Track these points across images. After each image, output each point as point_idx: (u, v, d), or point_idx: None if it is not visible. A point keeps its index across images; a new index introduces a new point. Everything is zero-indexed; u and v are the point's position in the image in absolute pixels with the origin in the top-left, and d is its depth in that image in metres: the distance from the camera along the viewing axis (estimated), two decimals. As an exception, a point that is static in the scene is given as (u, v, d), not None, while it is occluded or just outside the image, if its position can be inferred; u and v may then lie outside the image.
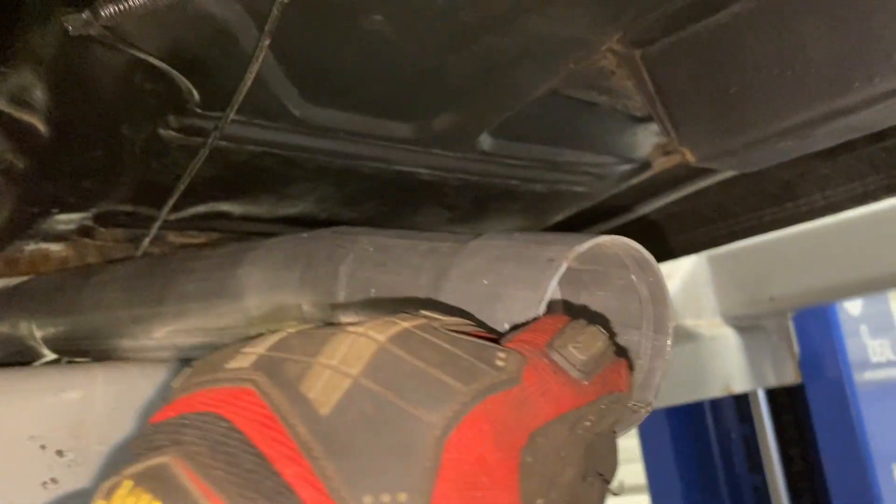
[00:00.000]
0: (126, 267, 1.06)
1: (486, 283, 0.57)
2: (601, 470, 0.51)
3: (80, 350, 1.08)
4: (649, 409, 0.60)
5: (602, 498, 0.50)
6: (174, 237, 1.18)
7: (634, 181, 1.42)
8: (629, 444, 4.91)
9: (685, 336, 1.97)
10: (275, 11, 0.72)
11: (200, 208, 1.11)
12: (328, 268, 0.72)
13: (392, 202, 1.25)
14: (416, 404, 0.43)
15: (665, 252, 1.81)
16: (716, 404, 2.83)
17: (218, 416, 0.45)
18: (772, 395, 2.67)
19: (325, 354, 0.46)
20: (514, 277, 0.56)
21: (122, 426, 0.95)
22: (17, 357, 1.17)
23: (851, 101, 0.78)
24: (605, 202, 1.51)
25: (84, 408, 0.92)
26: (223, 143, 0.95)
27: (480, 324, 0.55)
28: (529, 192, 1.32)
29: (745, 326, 2.19)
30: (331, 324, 0.69)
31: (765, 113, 0.84)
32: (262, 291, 0.81)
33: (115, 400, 0.97)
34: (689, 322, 2.07)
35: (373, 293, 0.66)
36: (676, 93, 0.89)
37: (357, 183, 1.16)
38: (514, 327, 0.53)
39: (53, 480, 0.89)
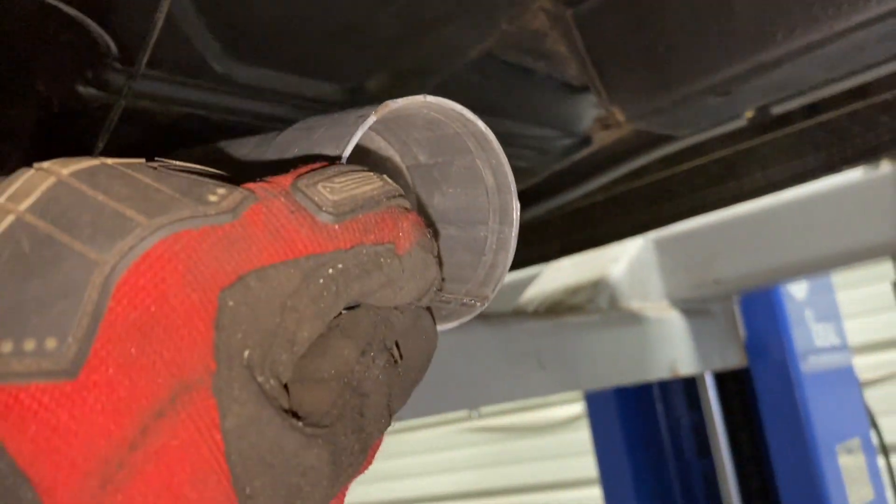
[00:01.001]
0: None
1: (296, 151, 0.54)
2: (403, 353, 0.46)
3: None
4: (485, 303, 0.58)
5: (391, 383, 0.44)
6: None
7: (576, 157, 1.42)
8: (581, 437, 4.95)
9: (631, 318, 1.98)
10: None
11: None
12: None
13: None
14: (84, 241, 0.37)
15: (611, 234, 1.82)
16: (665, 391, 2.86)
17: None
18: (720, 380, 2.70)
19: None
20: (322, 139, 0.53)
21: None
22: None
23: (774, 54, 0.78)
24: (548, 180, 1.51)
25: None
26: (144, 104, 0.92)
27: None
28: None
29: (692, 309, 2.21)
30: None
31: (691, 69, 0.84)
32: None
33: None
34: (636, 304, 2.08)
35: None
36: (606, 51, 0.89)
37: (292, 151, 1.13)
38: None
39: None
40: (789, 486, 2.53)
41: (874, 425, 2.84)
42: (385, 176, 0.46)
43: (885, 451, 2.87)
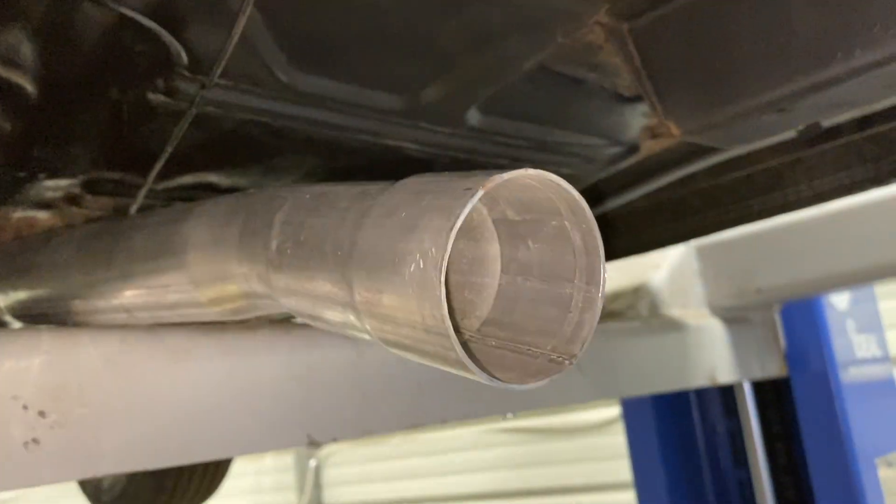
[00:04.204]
0: (84, 228, 1.05)
1: (404, 215, 0.55)
2: None
3: (39, 315, 1.07)
4: (573, 361, 0.59)
5: None
6: (161, 207, 1.18)
7: (622, 165, 1.43)
8: (616, 441, 4.92)
9: (671, 325, 1.98)
10: (263, -30, 0.72)
11: (188, 178, 1.11)
12: (265, 217, 0.71)
13: (380, 178, 1.25)
14: None
15: (653, 241, 1.81)
16: (702, 399, 2.84)
17: None
18: (758, 389, 2.68)
19: None
20: (430, 207, 0.54)
21: (104, 392, 0.95)
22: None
23: (833, 73, 0.79)
24: (593, 187, 1.52)
25: (69, 371, 0.92)
26: (210, 109, 0.95)
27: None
28: (517, 173, 1.32)
29: (732, 318, 2.20)
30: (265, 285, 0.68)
31: (749, 86, 0.84)
32: (203, 247, 0.79)
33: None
34: (676, 311, 2.08)
35: (302, 238, 0.65)
36: (663, 66, 0.89)
37: (345, 157, 1.16)
38: None
39: (35, 441, 0.89)
40: (827, 497, 2.50)
41: (915, 439, 2.79)
42: None
43: (925, 465, 2.81)
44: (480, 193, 0.51)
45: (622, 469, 4.87)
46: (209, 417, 1.04)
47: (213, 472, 3.40)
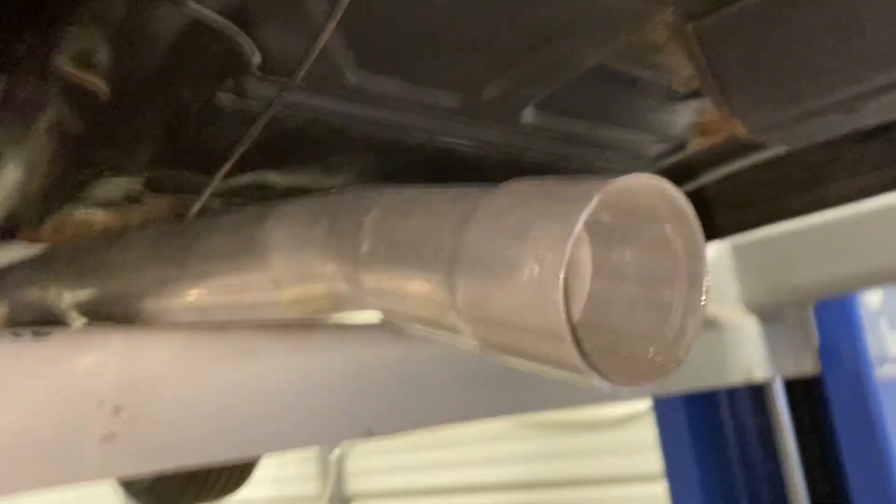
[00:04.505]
0: (155, 228, 1.06)
1: (511, 220, 0.55)
2: None
3: (107, 313, 1.09)
4: (678, 364, 0.59)
5: None
6: (218, 207, 1.20)
7: (668, 161, 1.43)
8: (638, 435, 4.92)
9: (709, 323, 1.98)
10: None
11: (248, 178, 1.12)
12: (353, 218, 0.72)
13: (431, 177, 1.26)
14: None
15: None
16: (732, 395, 2.84)
17: None
18: (788, 386, 2.67)
19: None
20: (542, 213, 0.53)
21: (174, 389, 0.97)
22: (45, 324, 1.18)
23: (905, 73, 0.79)
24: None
25: (141, 368, 0.94)
26: (280, 111, 0.96)
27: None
28: (565, 170, 1.33)
29: (767, 315, 2.19)
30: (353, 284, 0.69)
31: (817, 86, 0.85)
32: (286, 247, 0.80)
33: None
34: (712, 309, 2.08)
35: (397, 241, 0.65)
36: (728, 65, 0.90)
37: (399, 156, 1.17)
38: None
39: (112, 435, 0.91)
40: (863, 493, 2.50)
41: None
42: None
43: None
44: (596, 200, 0.51)
45: (644, 462, 4.87)
46: (274, 412, 1.05)
47: (243, 463, 3.43)
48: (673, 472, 2.82)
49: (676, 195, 0.56)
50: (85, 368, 0.91)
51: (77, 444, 0.89)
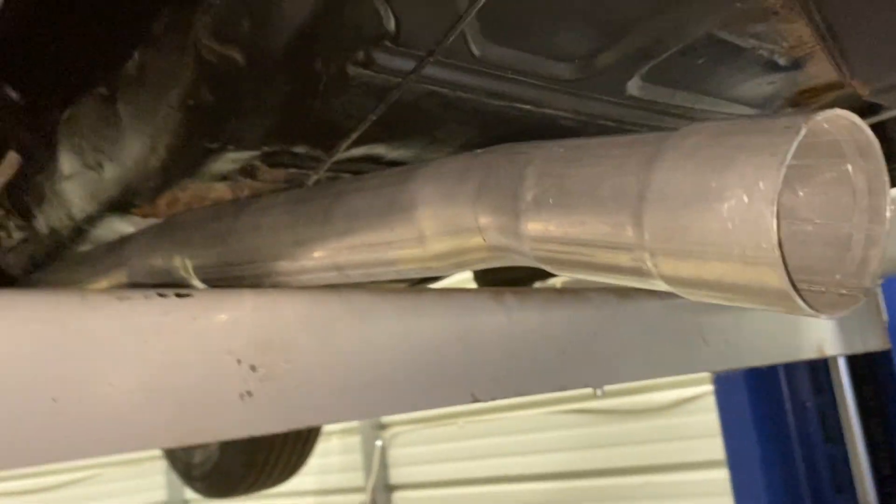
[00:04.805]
0: (288, 193, 1.10)
1: (709, 154, 0.56)
2: None
3: (233, 276, 1.13)
4: (867, 294, 0.61)
5: None
6: (326, 179, 1.23)
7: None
8: (687, 422, 4.91)
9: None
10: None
11: (360, 150, 1.16)
12: (510, 172, 0.74)
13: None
14: None
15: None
16: (791, 375, 2.83)
17: None
18: (850, 364, 2.67)
19: None
20: (745, 145, 0.54)
21: (302, 348, 1.01)
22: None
23: None
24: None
25: (272, 328, 0.98)
26: (395, 81, 0.99)
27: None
28: (658, 142, 1.35)
29: (836, 292, 2.19)
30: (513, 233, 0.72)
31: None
32: (434, 204, 0.83)
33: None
34: (783, 285, 2.08)
35: (567, 187, 0.67)
36: (848, 27, 0.91)
37: (501, 126, 1.19)
38: None
39: (249, 393, 0.95)
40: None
41: None
42: None
43: None
44: (804, 131, 0.53)
45: (694, 449, 4.87)
46: (389, 374, 1.09)
47: (300, 449, 3.49)
48: (734, 456, 2.82)
49: (865, 129, 0.58)
50: (224, 327, 0.95)
51: (219, 400, 0.93)
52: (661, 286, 0.60)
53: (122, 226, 1.29)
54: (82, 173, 1.23)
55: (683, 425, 4.90)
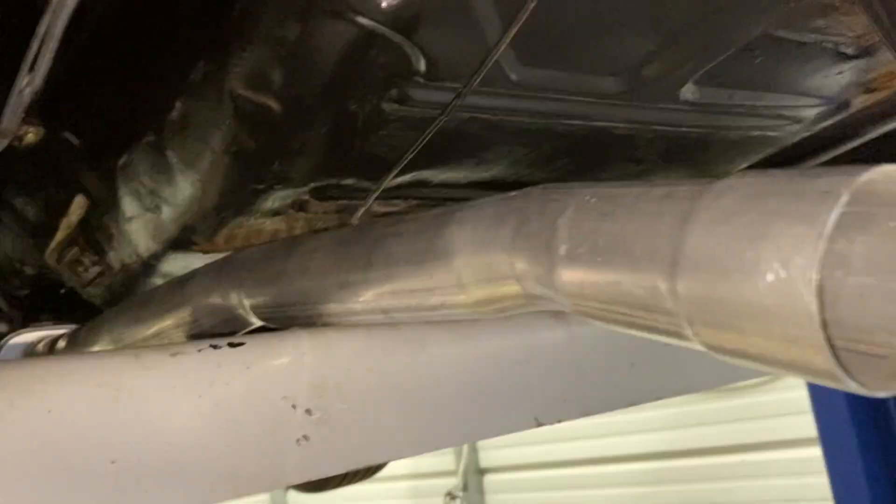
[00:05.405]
0: (331, 235, 1.10)
1: (744, 220, 0.52)
2: None
3: (287, 317, 1.14)
4: None
5: None
6: (377, 206, 1.23)
7: (829, 122, 1.36)
8: (776, 399, 4.74)
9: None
10: None
11: (406, 177, 1.14)
12: (543, 222, 0.71)
13: (582, 159, 1.25)
14: None
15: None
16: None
17: None
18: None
19: None
20: (782, 212, 0.50)
21: (357, 387, 1.01)
22: (226, 326, 1.25)
23: None
24: (795, 146, 1.45)
25: (327, 369, 0.98)
26: (435, 112, 0.97)
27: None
28: (721, 141, 1.28)
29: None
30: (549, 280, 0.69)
31: None
32: (471, 250, 0.81)
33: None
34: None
35: (600, 244, 0.64)
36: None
37: (551, 142, 1.16)
38: None
39: (305, 437, 0.95)
40: None
41: None
42: None
43: None
44: (846, 197, 0.48)
45: (783, 426, 4.70)
46: (447, 405, 1.08)
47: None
48: (827, 435, 2.71)
49: None
50: (278, 373, 0.96)
51: (276, 447, 0.94)
52: (705, 351, 0.56)
53: (187, 261, 1.32)
54: (142, 215, 1.26)
55: (774, 402, 4.73)
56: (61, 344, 1.82)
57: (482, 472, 6.70)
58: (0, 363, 0.84)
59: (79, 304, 1.90)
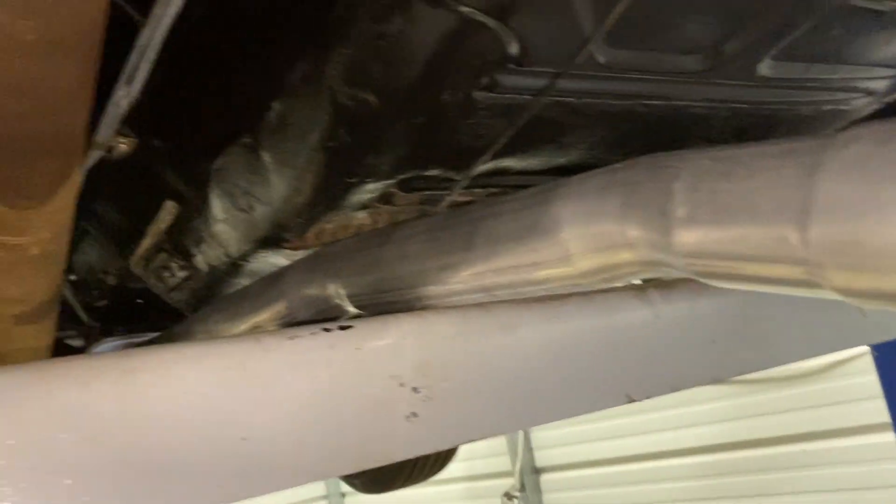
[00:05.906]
0: (426, 222, 1.14)
1: (876, 165, 0.53)
2: None
3: (384, 303, 1.18)
4: None
5: None
6: (459, 196, 1.27)
7: (899, 94, 1.36)
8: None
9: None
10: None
11: (488, 165, 1.18)
12: (656, 187, 0.74)
13: (657, 140, 1.27)
14: None
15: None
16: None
17: None
18: None
19: None
20: None
21: (458, 366, 1.05)
22: (324, 315, 1.30)
23: None
24: (862, 121, 1.46)
25: (430, 349, 1.02)
26: (523, 98, 1.01)
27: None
28: (794, 116, 1.30)
29: None
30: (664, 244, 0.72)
31: None
32: (578, 222, 0.84)
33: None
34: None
35: (722, 202, 0.66)
36: None
37: (629, 124, 1.18)
38: None
39: (414, 414, 0.99)
40: None
41: None
42: None
43: None
44: None
45: (852, 413, 4.61)
46: (541, 383, 1.11)
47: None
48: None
49: None
50: (386, 353, 1.00)
51: (388, 424, 0.98)
52: (833, 297, 0.58)
53: (275, 259, 1.37)
54: (234, 215, 1.31)
55: (840, 389, 4.65)
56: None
57: (538, 471, 6.69)
58: (140, 349, 0.89)
59: (148, 313, 1.97)
